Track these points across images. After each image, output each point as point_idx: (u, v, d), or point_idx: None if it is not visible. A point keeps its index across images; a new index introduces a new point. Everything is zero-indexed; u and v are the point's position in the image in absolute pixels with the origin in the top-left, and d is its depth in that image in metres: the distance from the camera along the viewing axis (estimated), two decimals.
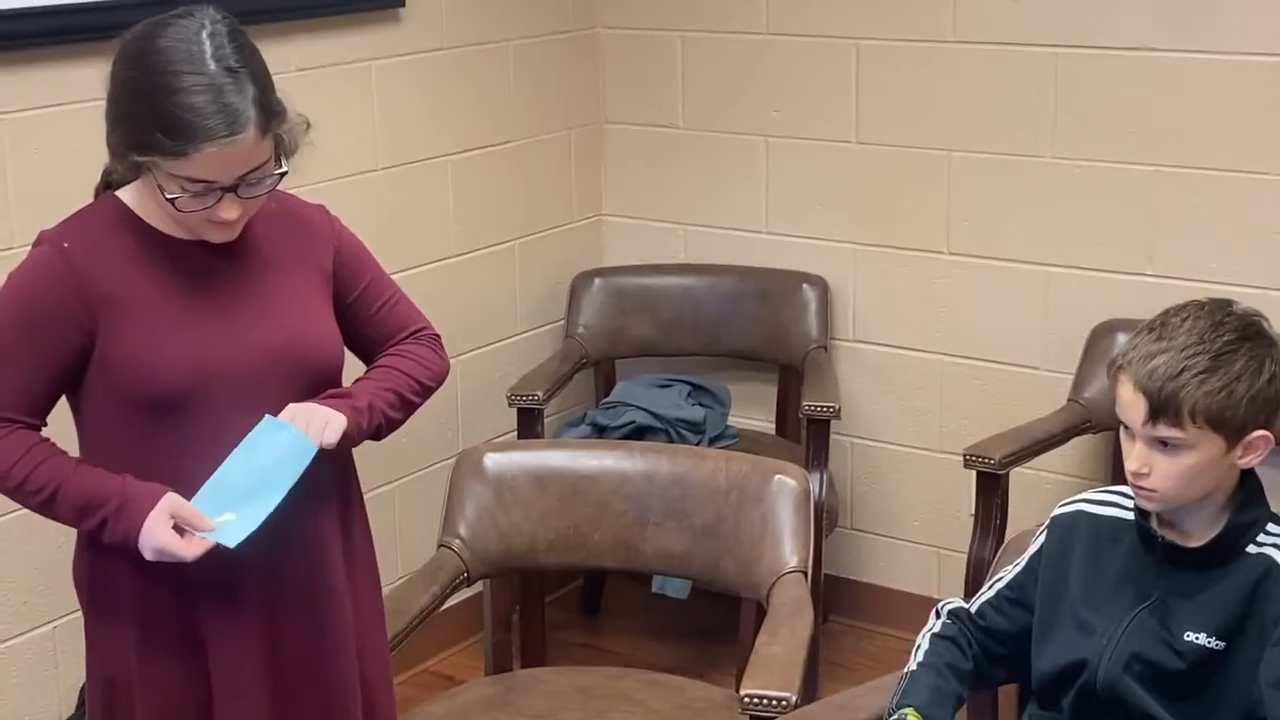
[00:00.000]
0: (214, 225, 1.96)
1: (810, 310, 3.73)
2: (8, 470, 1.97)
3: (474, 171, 3.68)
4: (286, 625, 2.08)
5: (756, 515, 2.58)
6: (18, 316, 1.96)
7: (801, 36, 3.70)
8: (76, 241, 1.98)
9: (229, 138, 1.85)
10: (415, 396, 2.16)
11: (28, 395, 1.98)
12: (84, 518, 1.98)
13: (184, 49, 1.87)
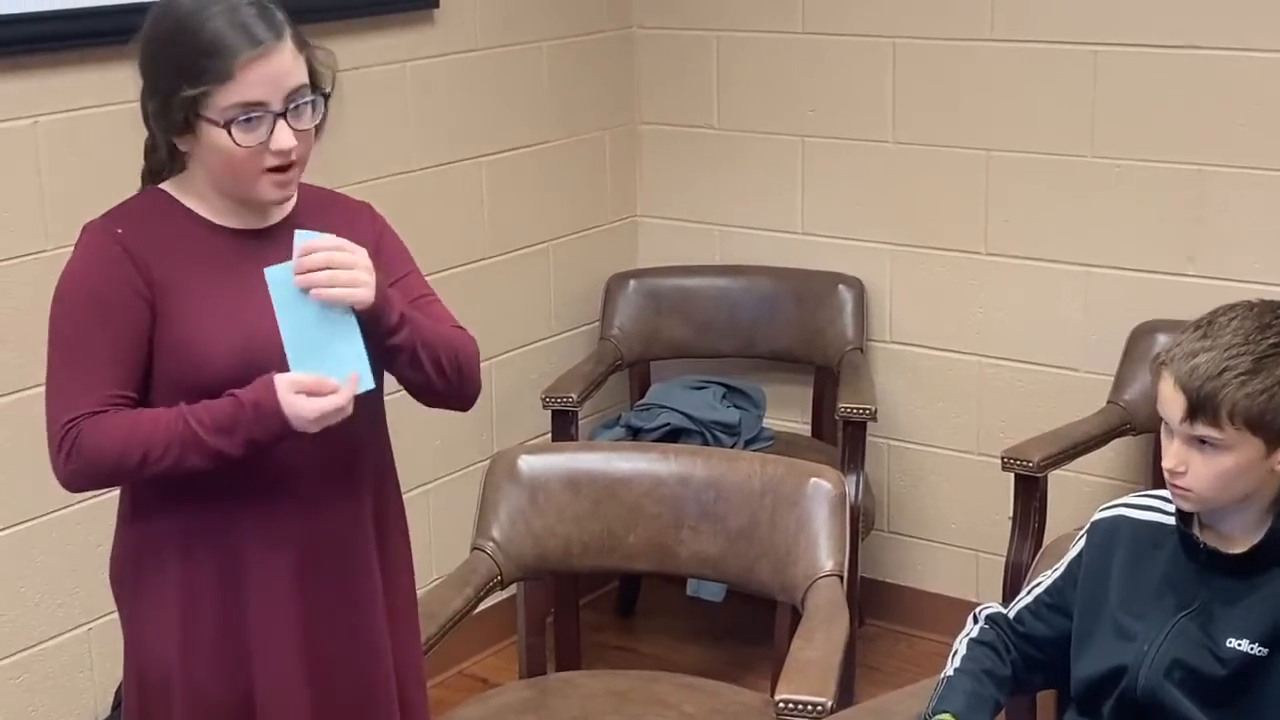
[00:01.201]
0: (270, 179, 1.95)
1: (846, 311, 3.70)
2: (125, 444, 1.92)
3: (508, 172, 3.67)
4: (323, 624, 2.07)
5: (792, 518, 2.56)
6: (86, 305, 1.96)
7: (838, 35, 3.67)
8: (127, 227, 1.99)
9: (263, 45, 1.89)
10: (445, 362, 2.07)
11: (117, 381, 1.94)
12: (224, 451, 1.92)
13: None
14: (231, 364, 1.96)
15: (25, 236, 2.72)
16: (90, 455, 1.93)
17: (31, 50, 2.68)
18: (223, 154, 1.93)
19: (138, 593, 2.08)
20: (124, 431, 1.93)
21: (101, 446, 1.93)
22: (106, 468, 1.95)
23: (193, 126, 1.93)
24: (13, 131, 2.69)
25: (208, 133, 1.92)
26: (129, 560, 2.09)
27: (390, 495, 2.19)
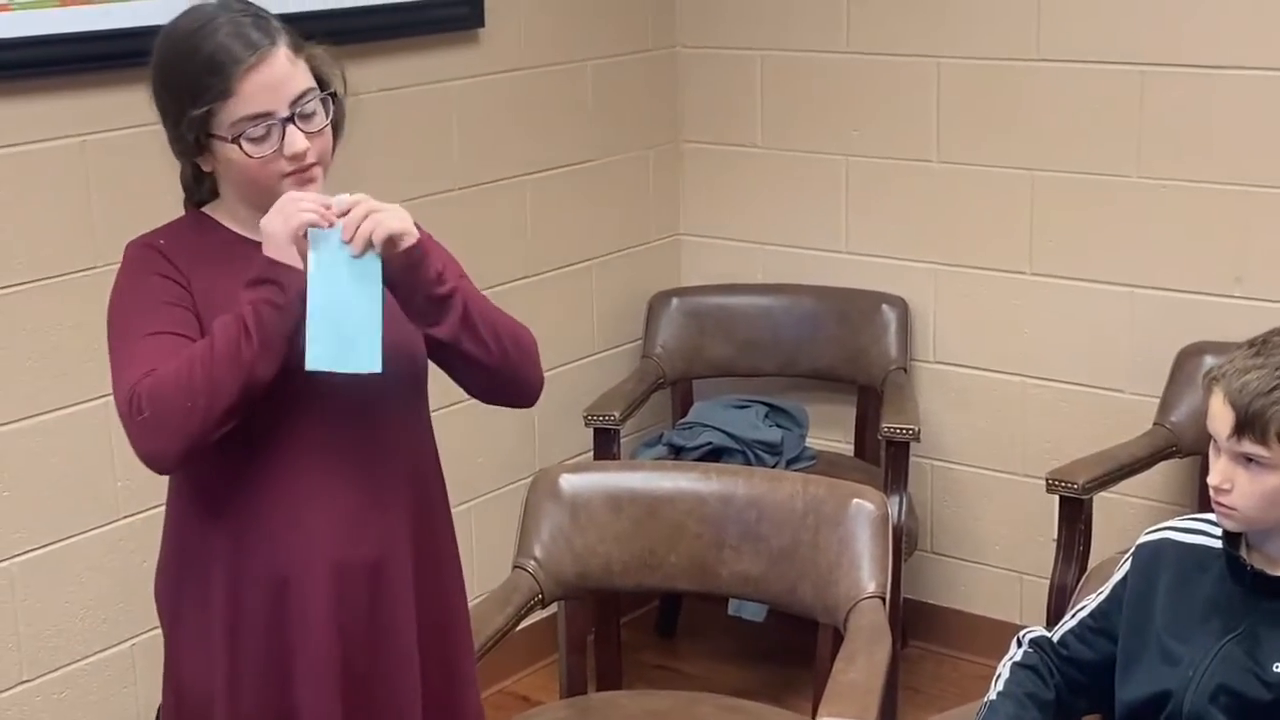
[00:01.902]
0: (291, 183, 1.96)
1: (890, 331, 3.69)
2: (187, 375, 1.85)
3: (552, 191, 3.68)
4: (358, 643, 2.07)
5: (834, 539, 2.55)
6: (136, 298, 1.96)
7: (882, 55, 3.67)
8: (168, 240, 2.02)
9: (258, 52, 1.90)
10: (502, 335, 2.05)
11: (174, 349, 1.91)
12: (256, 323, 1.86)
13: (200, 15, 1.96)
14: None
15: (73, 254, 2.75)
16: (155, 399, 1.86)
17: (80, 70, 2.71)
18: (240, 168, 1.95)
19: (179, 611, 2.09)
20: (176, 361, 1.88)
21: (163, 384, 1.86)
22: (171, 397, 1.86)
23: (207, 146, 1.95)
24: (61, 150, 2.72)
25: (221, 149, 1.94)
26: (172, 582, 2.09)
27: (437, 508, 2.17)
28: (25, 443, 2.73)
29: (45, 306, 2.72)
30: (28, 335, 2.71)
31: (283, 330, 1.89)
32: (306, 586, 2.02)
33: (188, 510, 2.05)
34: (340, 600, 2.04)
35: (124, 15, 2.73)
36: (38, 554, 2.77)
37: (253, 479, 1.99)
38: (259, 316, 1.88)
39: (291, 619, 2.03)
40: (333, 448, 2.01)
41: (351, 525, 2.03)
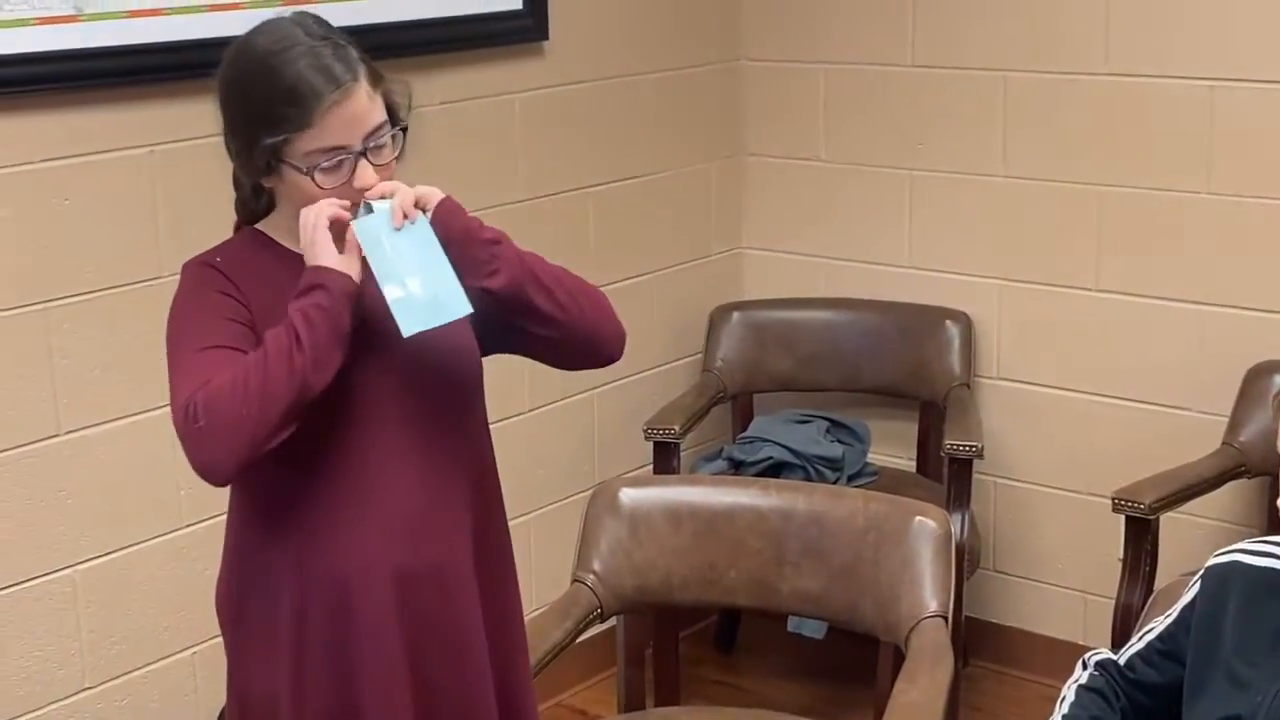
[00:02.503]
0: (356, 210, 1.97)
1: (953, 346, 3.66)
2: (243, 383, 1.86)
3: (614, 204, 3.67)
4: (426, 651, 2.06)
5: (896, 557, 2.52)
6: (194, 313, 1.97)
7: (948, 69, 3.64)
8: (224, 258, 2.02)
9: (341, 88, 1.90)
10: (568, 286, 2.06)
11: (230, 361, 1.92)
12: (307, 326, 1.88)
13: (278, 34, 1.95)
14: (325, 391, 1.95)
15: (139, 264, 2.77)
16: (210, 409, 1.85)
17: (148, 80, 2.73)
18: (306, 193, 1.95)
19: (242, 622, 2.09)
20: (230, 371, 1.88)
21: (218, 394, 1.86)
22: (228, 409, 1.85)
23: (275, 169, 1.96)
24: (129, 160, 2.74)
25: (290, 175, 1.95)
26: (234, 590, 2.10)
27: (496, 513, 2.17)
28: (91, 450, 2.75)
29: (111, 315, 2.75)
30: (94, 344, 2.73)
31: (333, 334, 1.90)
32: (369, 591, 2.02)
33: (249, 518, 2.06)
34: (404, 605, 2.04)
35: (192, 27, 2.76)
36: (101, 561, 2.79)
37: (313, 486, 1.99)
38: (308, 321, 1.89)
39: (355, 624, 2.02)
40: (393, 452, 2.02)
41: (414, 529, 2.03)
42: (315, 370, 1.88)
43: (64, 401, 2.70)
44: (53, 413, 2.69)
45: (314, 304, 1.90)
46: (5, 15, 2.53)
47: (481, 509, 2.14)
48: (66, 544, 2.74)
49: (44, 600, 2.72)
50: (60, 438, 2.71)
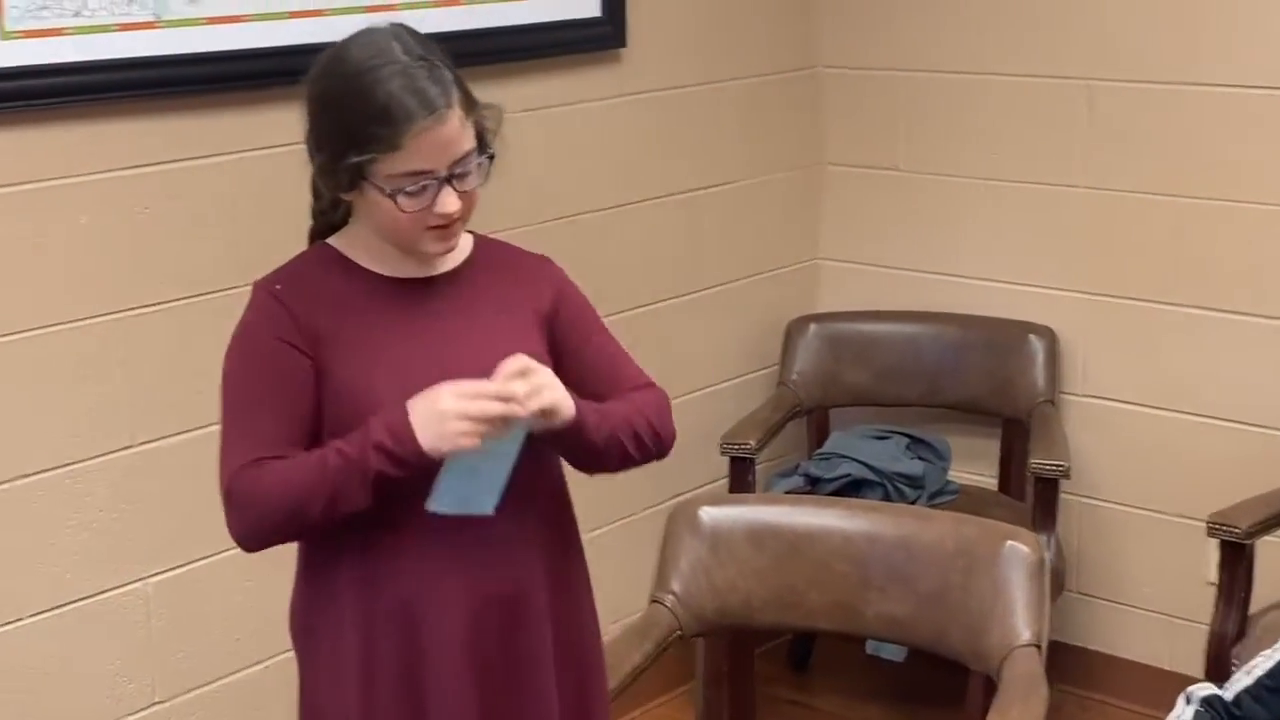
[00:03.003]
0: (433, 235, 1.93)
1: (1037, 362, 3.57)
2: (280, 494, 1.89)
3: (691, 213, 3.61)
4: (495, 678, 2.02)
5: (987, 583, 2.44)
6: (249, 363, 1.96)
7: (1030, 77, 3.55)
8: (288, 283, 1.98)
9: (435, 114, 1.85)
10: (647, 438, 2.05)
11: (281, 437, 1.93)
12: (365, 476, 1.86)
13: (374, 48, 1.90)
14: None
15: (215, 274, 2.73)
16: (252, 503, 1.92)
17: (229, 87, 2.70)
18: (386, 215, 1.91)
19: (313, 644, 2.06)
20: (278, 474, 1.90)
21: (262, 493, 1.91)
22: (269, 513, 1.92)
23: (357, 186, 1.92)
24: (208, 168, 2.71)
25: (372, 194, 1.91)
26: (304, 613, 2.07)
27: (570, 536, 2.13)
28: (163, 461, 2.72)
29: (187, 325, 2.71)
30: (172, 353, 2.70)
31: (394, 488, 1.89)
32: (439, 618, 1.98)
33: (318, 542, 2.02)
34: (474, 631, 2.00)
35: (271, 34, 2.73)
36: (173, 574, 2.76)
37: (383, 510, 1.94)
38: (378, 481, 1.87)
39: (424, 651, 1.99)
40: None
41: (485, 555, 1.99)
42: (360, 508, 1.89)
43: (138, 412, 2.67)
44: (127, 424, 2.66)
45: (391, 474, 1.86)
46: (85, 20, 2.50)
47: (556, 534, 2.09)
48: (139, 556, 2.71)
49: (116, 613, 2.69)
50: (133, 449, 2.68)
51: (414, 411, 1.87)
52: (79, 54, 2.50)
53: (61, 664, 2.62)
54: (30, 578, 2.57)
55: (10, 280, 2.49)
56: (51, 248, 2.53)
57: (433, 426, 1.85)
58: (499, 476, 1.92)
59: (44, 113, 2.48)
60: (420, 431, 1.86)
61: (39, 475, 2.56)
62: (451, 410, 1.85)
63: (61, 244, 2.54)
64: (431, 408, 1.86)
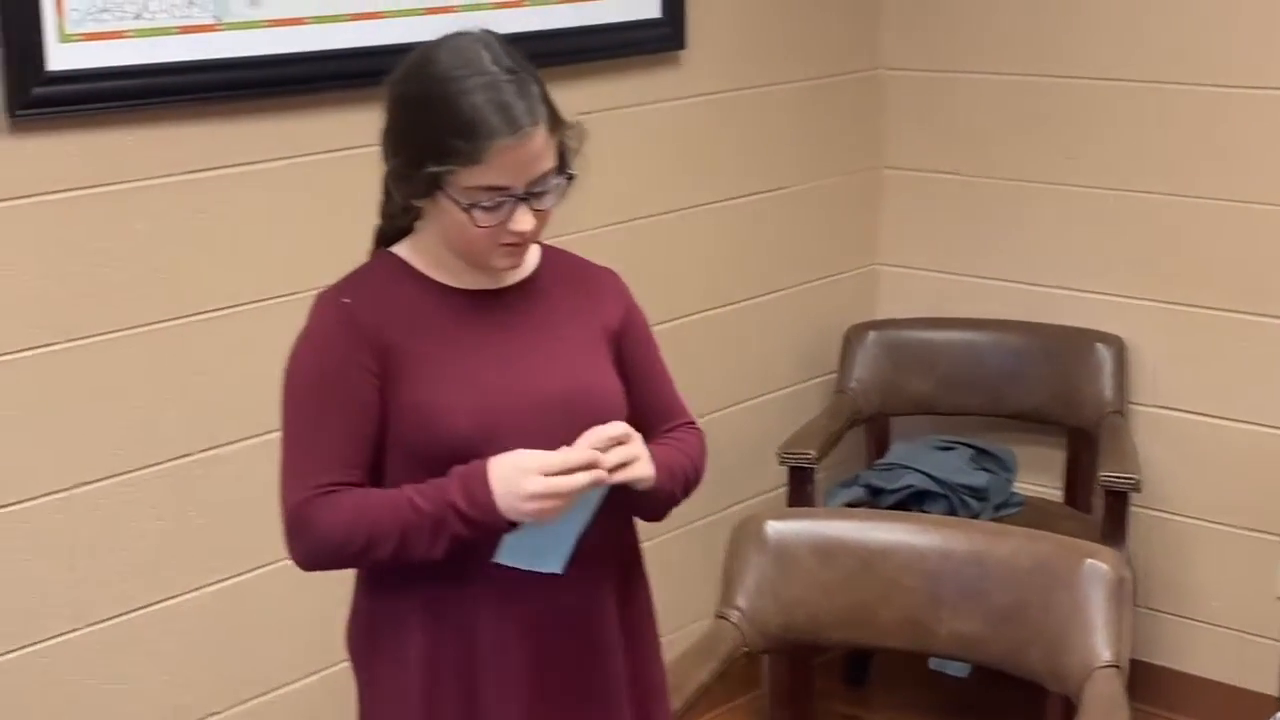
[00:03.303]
0: (503, 251, 1.89)
1: (1105, 371, 3.49)
2: (349, 532, 1.87)
3: (748, 218, 3.56)
4: (556, 704, 1.98)
5: (1065, 602, 2.38)
6: (313, 379, 1.92)
7: (1101, 80, 3.48)
8: (355, 294, 1.93)
9: (520, 132, 1.81)
10: (691, 487, 2.06)
11: (345, 459, 1.89)
12: (438, 534, 1.84)
13: (463, 56, 1.85)
14: (467, 426, 1.88)
15: (275, 280, 2.69)
16: (318, 537, 1.89)
17: (288, 91, 2.65)
18: (458, 227, 1.87)
19: (375, 664, 2.02)
20: (350, 513, 1.87)
21: (329, 528, 1.88)
22: (334, 550, 1.89)
23: (431, 195, 1.87)
24: (267, 173, 2.67)
25: (446, 204, 1.86)
26: (367, 631, 2.02)
27: (634, 555, 2.09)
28: (222, 469, 2.68)
29: (247, 330, 2.68)
30: (229, 360, 2.66)
31: (467, 543, 1.86)
32: (504, 642, 1.94)
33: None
34: (540, 655, 1.95)
35: (331, 37, 2.69)
36: (229, 583, 2.72)
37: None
38: (451, 539, 1.84)
39: (489, 675, 1.95)
40: None
41: (554, 586, 1.94)
42: (419, 559, 1.86)
43: (198, 419, 2.63)
44: (186, 431, 2.62)
45: (466, 536, 1.84)
46: (146, 23, 2.46)
47: (622, 553, 2.05)
48: (196, 565, 2.67)
49: (173, 623, 2.65)
50: (193, 456, 2.64)
51: (494, 476, 1.83)
52: (139, 57, 2.46)
53: (118, 673, 2.59)
54: (89, 586, 2.53)
55: (69, 287, 2.46)
56: (110, 254, 2.49)
57: (513, 498, 1.82)
58: (570, 536, 1.89)
59: (103, 117, 2.45)
60: (500, 499, 1.82)
61: (99, 483, 2.53)
62: (535, 488, 1.81)
63: (119, 250, 2.50)
64: (514, 479, 1.82)
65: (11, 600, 2.45)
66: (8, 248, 2.38)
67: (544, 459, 1.83)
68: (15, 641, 2.47)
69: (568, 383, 1.94)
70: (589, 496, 1.87)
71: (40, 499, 2.47)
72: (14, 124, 2.36)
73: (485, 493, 1.83)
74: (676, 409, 2.11)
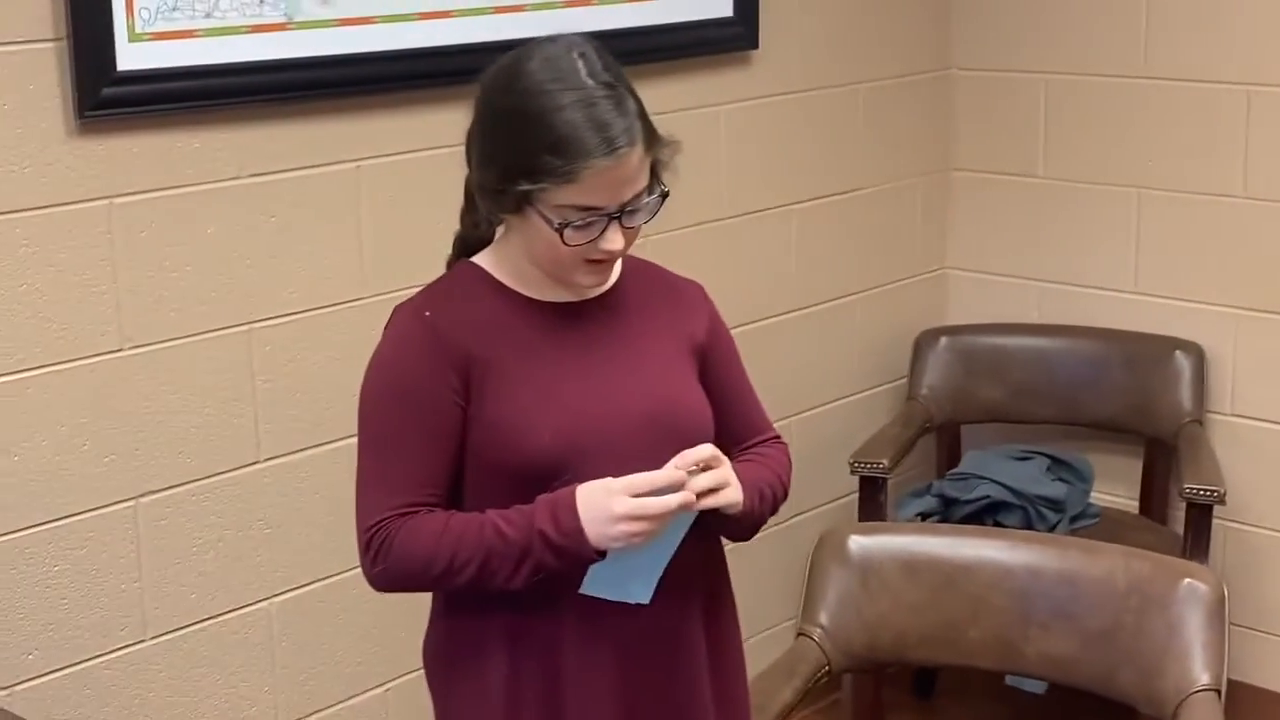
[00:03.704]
0: (588, 268, 1.83)
1: (1183, 380, 3.41)
2: (430, 556, 1.81)
3: (817, 221, 3.49)
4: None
5: (1161, 624, 2.30)
6: (394, 395, 1.85)
7: (1185, 81, 3.39)
8: (436, 308, 1.87)
9: (616, 153, 1.74)
10: (779, 504, 2.00)
11: (425, 478, 1.84)
12: (522, 562, 1.78)
13: (557, 67, 1.77)
14: (551, 443, 1.82)
15: (344, 284, 2.64)
16: (397, 559, 1.83)
17: (359, 91, 2.60)
18: (545, 244, 1.81)
19: (455, 684, 1.96)
20: (431, 537, 1.81)
21: (409, 551, 1.82)
22: (413, 573, 1.84)
23: (521, 211, 1.80)
24: (337, 176, 2.61)
25: (536, 220, 1.79)
26: (445, 652, 1.96)
27: (722, 590, 2.02)
28: (289, 477, 2.63)
29: (314, 337, 2.62)
30: (296, 367, 2.61)
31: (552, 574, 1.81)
32: (590, 666, 1.88)
33: None
34: (627, 679, 1.89)
35: (401, 36, 2.63)
36: (297, 593, 2.67)
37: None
38: (535, 568, 1.79)
39: (574, 699, 1.89)
40: None
41: (641, 613, 1.88)
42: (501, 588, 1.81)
43: (265, 428, 2.58)
44: (254, 439, 2.57)
45: (552, 566, 1.78)
46: (216, 22, 2.40)
47: (712, 575, 1.98)
48: (263, 576, 2.62)
49: (239, 634, 2.60)
50: (259, 465, 2.59)
51: (582, 502, 1.77)
52: (209, 56, 2.41)
53: (183, 687, 2.54)
54: (155, 599, 2.48)
55: (137, 292, 2.40)
56: (178, 258, 2.44)
57: (600, 523, 1.76)
58: (657, 565, 1.83)
59: (172, 117, 2.40)
60: (588, 525, 1.76)
61: (164, 492, 2.48)
62: (623, 512, 1.75)
63: (188, 255, 2.45)
64: (601, 502, 1.76)
65: (79, 613, 2.40)
66: (75, 252, 2.33)
67: (630, 480, 1.77)
68: (81, 654, 2.42)
69: (653, 399, 1.88)
70: (676, 524, 1.80)
71: (106, 508, 2.42)
72: (83, 125, 2.31)
73: (573, 519, 1.76)
74: (762, 423, 2.05)
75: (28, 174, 2.27)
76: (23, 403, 2.31)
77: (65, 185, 2.31)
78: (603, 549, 1.78)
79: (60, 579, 2.37)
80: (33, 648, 2.36)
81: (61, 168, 2.30)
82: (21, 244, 2.28)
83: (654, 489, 1.77)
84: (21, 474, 2.32)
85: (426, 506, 1.83)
